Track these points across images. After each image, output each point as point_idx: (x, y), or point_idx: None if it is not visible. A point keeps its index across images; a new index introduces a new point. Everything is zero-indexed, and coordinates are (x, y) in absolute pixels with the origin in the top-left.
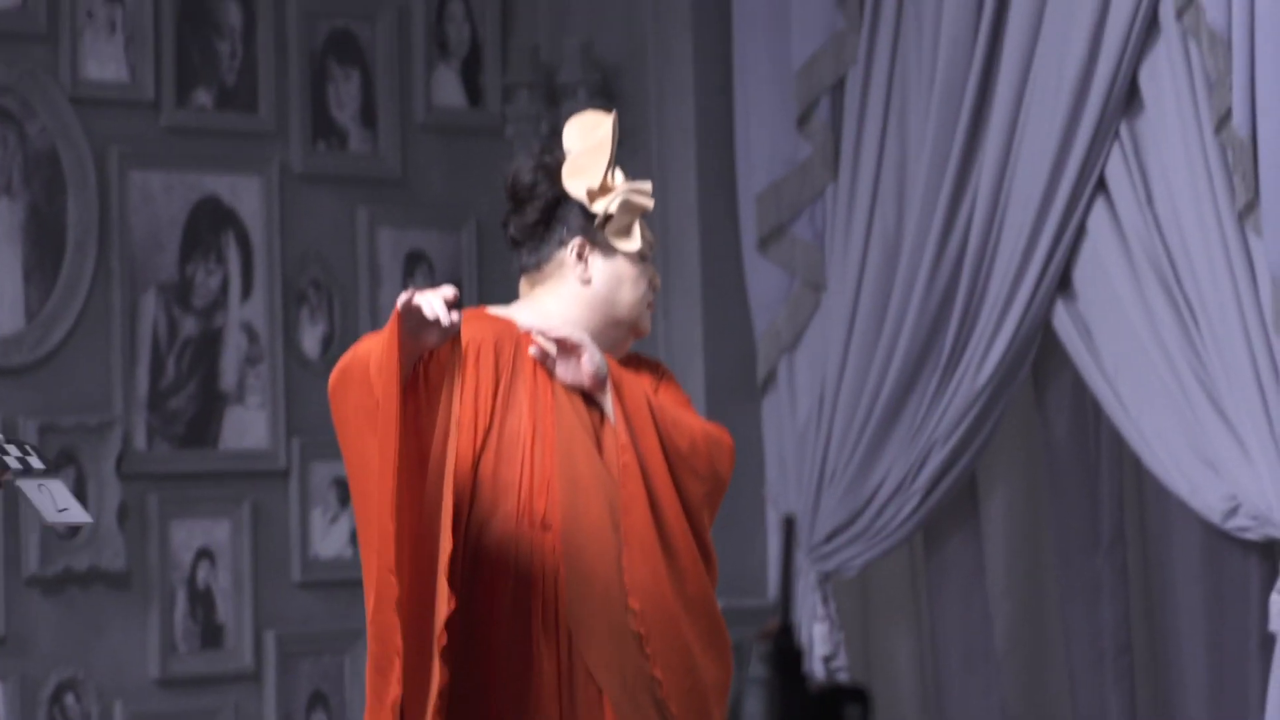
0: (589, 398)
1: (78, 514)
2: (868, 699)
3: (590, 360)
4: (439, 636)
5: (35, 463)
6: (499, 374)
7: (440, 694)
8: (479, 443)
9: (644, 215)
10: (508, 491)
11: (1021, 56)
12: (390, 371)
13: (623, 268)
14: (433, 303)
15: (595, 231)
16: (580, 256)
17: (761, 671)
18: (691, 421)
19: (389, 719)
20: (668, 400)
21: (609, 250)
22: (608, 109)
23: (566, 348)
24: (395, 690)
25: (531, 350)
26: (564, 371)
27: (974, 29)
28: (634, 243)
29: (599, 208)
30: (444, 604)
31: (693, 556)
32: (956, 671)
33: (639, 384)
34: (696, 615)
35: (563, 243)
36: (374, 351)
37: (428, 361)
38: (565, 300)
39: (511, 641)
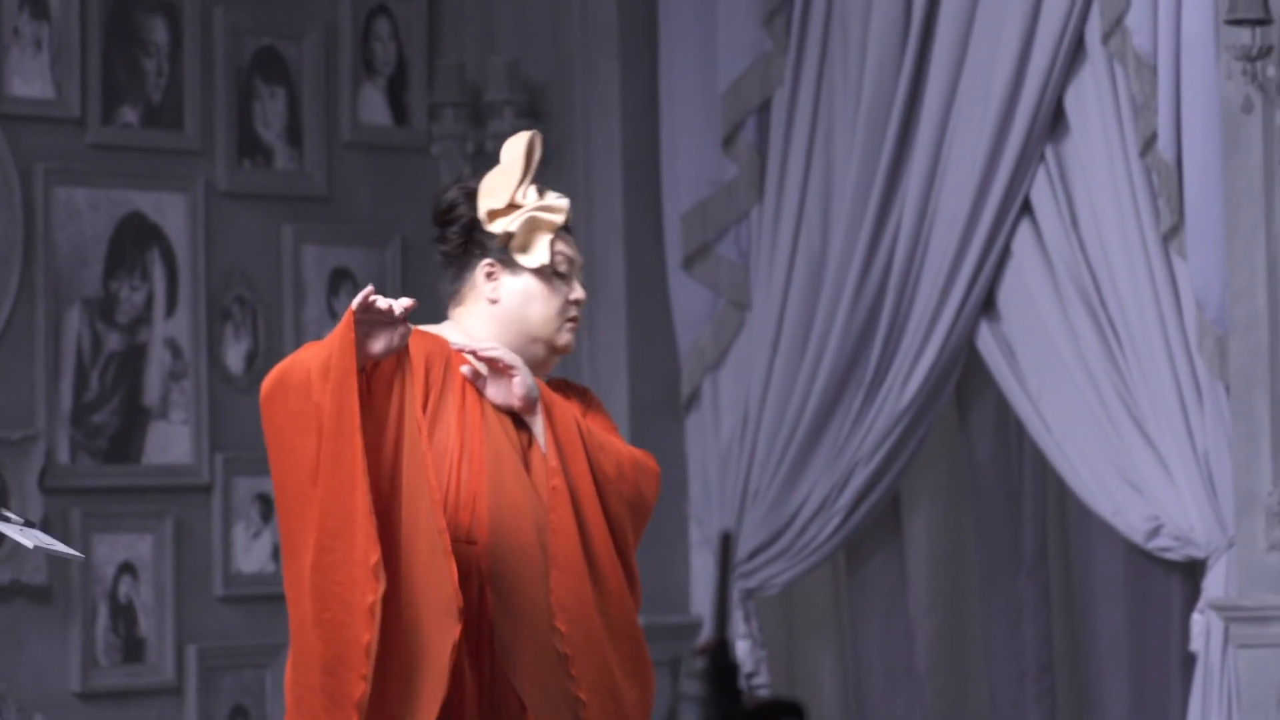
0: (518, 419)
1: (65, 550)
2: (803, 713)
3: (522, 382)
4: (451, 652)
5: (14, 517)
6: (428, 388)
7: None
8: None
9: (567, 231)
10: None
11: (948, 78)
12: (347, 367)
13: (531, 284)
14: (389, 300)
15: (504, 251)
16: (490, 276)
17: (696, 687)
18: (619, 446)
19: (351, 718)
20: (595, 426)
21: (517, 269)
22: (533, 129)
23: (498, 368)
24: (361, 688)
25: (464, 369)
26: (495, 392)
27: (900, 51)
28: (535, 258)
29: (496, 227)
30: (455, 622)
31: (618, 580)
32: (879, 689)
33: (569, 408)
34: (620, 638)
35: (477, 264)
36: (318, 356)
37: (371, 374)
38: (480, 320)
39: None
